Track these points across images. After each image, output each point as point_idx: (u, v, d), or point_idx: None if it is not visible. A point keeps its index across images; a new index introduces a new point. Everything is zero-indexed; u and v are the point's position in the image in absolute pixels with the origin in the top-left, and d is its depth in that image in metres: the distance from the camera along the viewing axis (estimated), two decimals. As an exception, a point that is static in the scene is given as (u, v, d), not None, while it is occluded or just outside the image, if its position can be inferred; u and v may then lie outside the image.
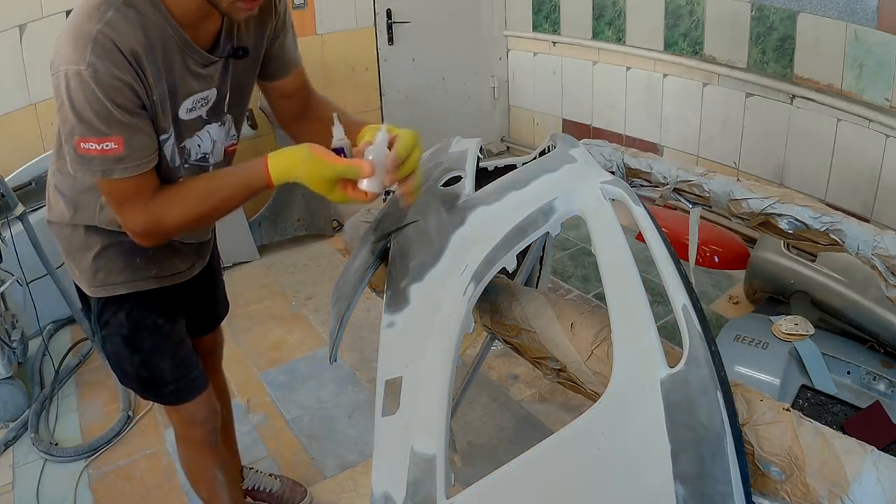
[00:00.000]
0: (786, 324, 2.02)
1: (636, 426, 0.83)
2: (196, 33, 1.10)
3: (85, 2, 1.02)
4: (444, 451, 0.88)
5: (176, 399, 1.40)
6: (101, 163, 1.02)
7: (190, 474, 1.56)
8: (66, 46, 0.99)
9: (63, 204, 1.24)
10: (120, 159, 1.02)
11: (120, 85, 1.00)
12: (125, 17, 1.01)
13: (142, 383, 1.39)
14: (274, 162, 1.05)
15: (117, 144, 1.01)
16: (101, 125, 1.00)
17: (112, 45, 0.98)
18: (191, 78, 1.13)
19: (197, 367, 1.42)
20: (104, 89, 0.98)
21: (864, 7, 2.49)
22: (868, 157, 2.59)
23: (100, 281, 1.28)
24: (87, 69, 0.97)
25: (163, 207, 1.08)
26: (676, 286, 0.95)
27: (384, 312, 1.09)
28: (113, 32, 0.99)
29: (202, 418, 1.44)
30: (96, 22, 0.98)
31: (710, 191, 1.52)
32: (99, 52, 0.97)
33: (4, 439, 2.16)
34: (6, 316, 2.40)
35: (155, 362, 1.35)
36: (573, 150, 1.28)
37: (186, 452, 1.53)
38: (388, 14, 3.88)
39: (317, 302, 2.92)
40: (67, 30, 1.00)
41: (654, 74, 3.46)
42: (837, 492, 0.76)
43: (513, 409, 2.23)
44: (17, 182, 2.51)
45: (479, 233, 1.11)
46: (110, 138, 1.00)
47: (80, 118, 0.99)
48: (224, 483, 1.53)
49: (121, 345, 1.33)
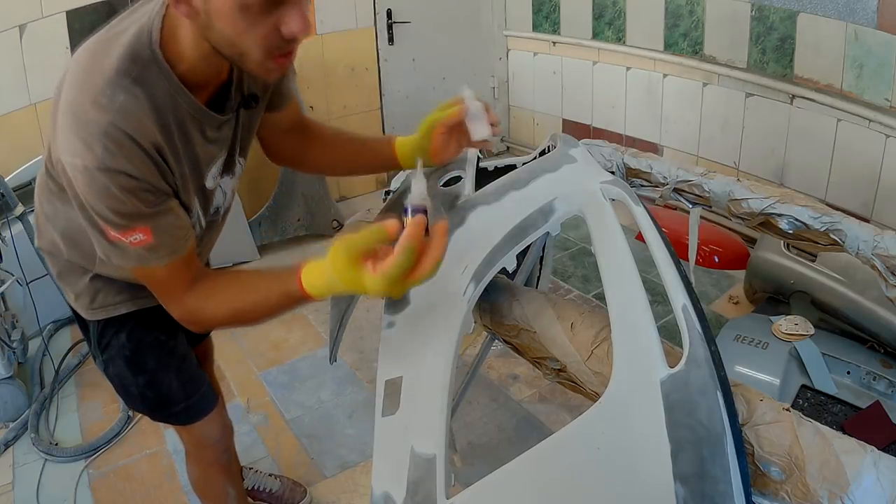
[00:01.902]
0: (786, 324, 2.02)
1: (636, 426, 0.83)
2: (205, 92, 1.01)
3: (84, 76, 0.90)
4: (445, 451, 0.88)
5: (187, 418, 1.34)
6: (136, 254, 0.94)
7: (199, 490, 1.52)
8: (71, 136, 0.87)
9: (56, 236, 1.16)
10: (152, 248, 0.93)
11: (138, 183, 0.89)
12: (136, 100, 0.89)
13: (149, 404, 1.32)
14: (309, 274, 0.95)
15: (145, 235, 0.92)
16: (123, 221, 0.90)
17: (128, 140, 0.88)
18: (209, 145, 1.04)
19: (206, 383, 1.36)
20: (121, 188, 0.88)
21: (864, 7, 2.49)
22: (868, 157, 2.59)
23: (98, 303, 1.22)
24: (100, 169, 0.86)
25: (199, 302, 1.00)
26: (676, 286, 0.95)
27: (384, 312, 1.09)
28: (127, 124, 0.88)
29: (215, 438, 1.39)
30: (106, 111, 0.87)
31: (710, 191, 1.52)
32: (113, 150, 0.86)
33: (4, 439, 2.16)
34: (6, 316, 2.40)
35: (161, 381, 1.28)
36: (573, 150, 1.28)
37: (197, 471, 1.48)
38: (389, 14, 3.89)
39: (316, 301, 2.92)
40: (71, 114, 0.88)
41: (654, 74, 3.46)
42: (837, 492, 0.76)
43: (513, 409, 2.23)
44: (17, 182, 2.51)
45: (479, 233, 1.11)
46: (136, 230, 0.91)
47: (98, 214, 0.90)
48: (235, 497, 1.50)
49: (124, 367, 1.27)
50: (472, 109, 1.15)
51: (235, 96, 1.06)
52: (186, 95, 0.96)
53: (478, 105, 1.15)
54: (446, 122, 1.17)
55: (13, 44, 2.79)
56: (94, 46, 0.95)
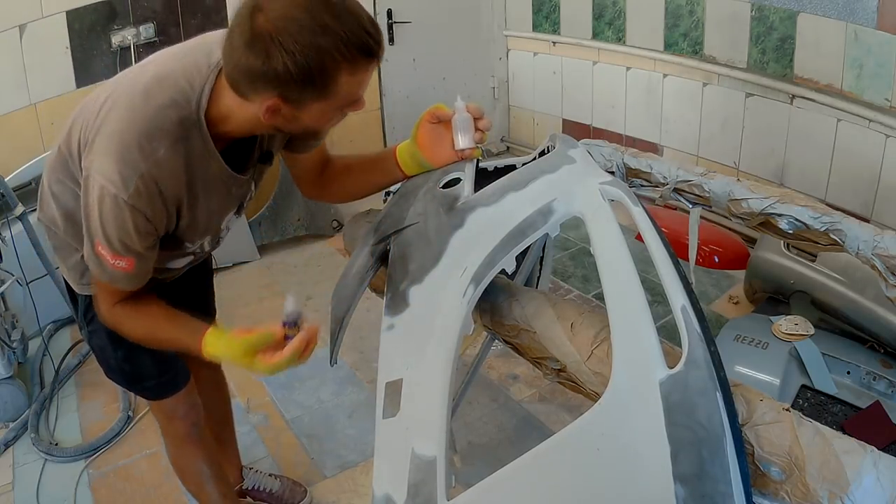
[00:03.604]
0: (786, 324, 2.02)
1: (636, 427, 0.83)
2: (233, 153, 1.14)
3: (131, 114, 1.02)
4: (445, 452, 0.88)
5: (157, 394, 1.44)
6: (111, 273, 1.09)
7: (177, 469, 1.59)
8: (111, 165, 1.01)
9: (57, 214, 1.23)
10: (127, 276, 1.10)
11: (151, 227, 1.06)
12: (174, 157, 1.04)
13: (125, 377, 1.43)
14: (209, 342, 1.10)
15: (128, 265, 1.08)
16: (121, 248, 1.05)
17: (156, 190, 1.03)
18: (230, 198, 1.21)
19: (179, 364, 1.44)
20: (136, 223, 1.03)
21: (864, 7, 2.49)
22: (868, 157, 2.59)
23: (87, 280, 1.29)
24: (127, 201, 1.01)
25: (122, 317, 1.17)
26: (675, 287, 0.95)
27: (384, 315, 1.09)
28: (160, 175, 1.02)
29: (182, 413, 1.48)
30: (146, 157, 1.01)
31: (710, 191, 1.52)
32: (141, 191, 1.01)
33: (4, 439, 2.16)
34: (6, 316, 2.40)
35: (137, 357, 1.37)
36: (572, 150, 1.28)
37: (172, 447, 1.57)
38: (389, 14, 3.89)
39: (317, 302, 2.92)
40: (114, 143, 1.01)
41: (654, 74, 3.46)
42: (837, 492, 0.76)
43: (513, 409, 2.23)
44: (17, 182, 2.51)
45: (479, 234, 1.11)
46: (124, 258, 1.07)
47: (104, 231, 1.04)
48: (210, 476, 1.56)
49: (105, 340, 1.35)
50: (458, 119, 1.23)
51: (256, 154, 1.21)
52: (220, 162, 1.11)
53: (465, 116, 1.22)
54: (433, 112, 1.24)
55: (13, 44, 2.79)
56: (148, 83, 1.05)
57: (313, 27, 0.92)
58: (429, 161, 1.29)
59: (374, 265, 1.26)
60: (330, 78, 0.96)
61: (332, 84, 0.96)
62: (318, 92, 0.97)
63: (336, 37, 0.93)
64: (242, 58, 0.94)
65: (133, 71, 1.14)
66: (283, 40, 0.91)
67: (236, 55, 0.94)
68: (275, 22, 0.91)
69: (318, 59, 0.93)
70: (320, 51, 0.92)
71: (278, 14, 0.91)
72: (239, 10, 0.95)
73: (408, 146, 1.30)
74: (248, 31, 0.92)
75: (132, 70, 1.15)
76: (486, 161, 1.53)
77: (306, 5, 0.92)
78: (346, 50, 0.94)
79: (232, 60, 0.96)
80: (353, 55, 0.95)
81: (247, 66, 0.94)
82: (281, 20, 0.91)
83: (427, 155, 1.28)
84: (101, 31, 3.04)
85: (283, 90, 0.95)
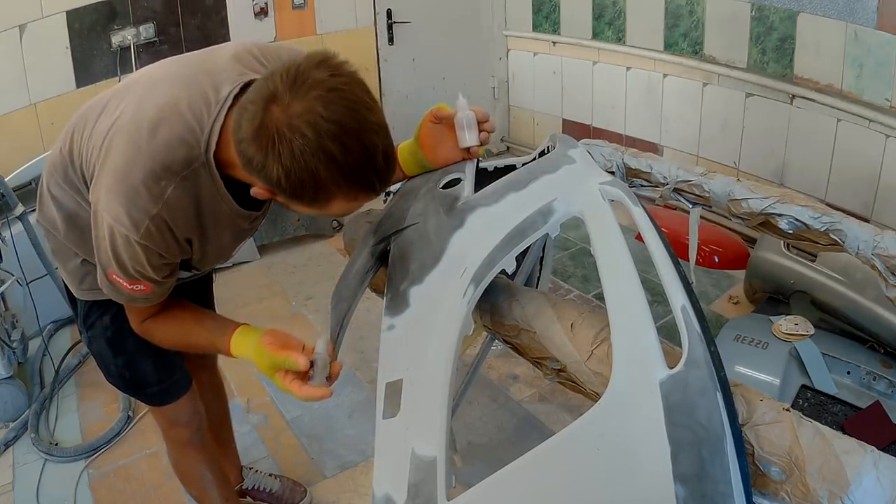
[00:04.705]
0: (786, 324, 2.02)
1: (636, 427, 0.83)
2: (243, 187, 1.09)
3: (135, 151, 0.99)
4: (445, 452, 0.88)
5: (160, 400, 1.43)
6: (129, 296, 1.09)
7: (179, 473, 1.58)
8: (118, 206, 0.99)
9: (57, 217, 1.21)
10: (146, 297, 1.10)
11: (163, 260, 1.05)
12: (183, 195, 1.02)
13: (126, 383, 1.42)
14: (236, 344, 1.09)
15: (146, 288, 1.07)
16: (137, 276, 1.05)
17: (167, 230, 1.02)
18: (241, 232, 1.21)
19: (180, 370, 1.43)
20: (149, 258, 1.03)
21: (864, 7, 2.49)
22: (868, 157, 2.59)
23: (87, 285, 1.28)
24: (139, 242, 1.00)
25: (153, 329, 1.18)
26: (675, 287, 0.95)
27: (384, 315, 1.09)
28: (171, 215, 1.01)
29: (185, 419, 1.47)
30: (156, 199, 0.99)
31: (710, 191, 1.52)
32: (153, 232, 1.01)
33: (4, 439, 2.16)
34: (6, 316, 2.40)
35: (138, 364, 1.36)
36: (572, 150, 1.28)
37: (174, 452, 1.55)
38: (389, 14, 3.89)
39: (317, 302, 2.92)
40: (120, 183, 0.99)
41: (654, 74, 3.46)
42: (837, 492, 0.76)
43: (513, 409, 2.23)
44: (17, 182, 2.51)
45: (479, 235, 1.11)
46: (141, 283, 1.06)
47: (118, 263, 1.03)
48: (213, 481, 1.56)
49: (105, 346, 1.35)
50: (462, 117, 1.21)
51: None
52: (230, 201, 1.09)
53: (469, 115, 1.20)
54: (435, 112, 1.22)
55: (13, 44, 2.79)
56: (154, 118, 1.02)
57: (316, 151, 0.84)
58: (430, 161, 1.28)
59: (374, 265, 1.26)
60: (322, 199, 0.91)
61: (323, 202, 0.92)
62: (308, 204, 0.93)
63: (337, 170, 0.87)
64: (245, 142, 0.88)
65: (140, 87, 1.09)
66: (282, 151, 0.85)
67: (242, 135, 0.89)
68: (285, 123, 0.84)
69: (312, 182, 0.87)
70: (315, 176, 0.86)
71: (290, 116, 0.84)
72: (260, 85, 0.89)
73: (409, 146, 1.29)
74: (259, 120, 0.86)
75: (138, 86, 1.10)
76: (486, 161, 1.53)
77: (317, 124, 0.84)
78: (345, 184, 0.89)
79: (237, 136, 0.90)
80: (351, 189, 0.90)
81: (248, 153, 0.89)
82: (289, 128, 0.84)
83: (429, 155, 1.27)
84: (101, 31, 3.04)
85: (276, 189, 0.91)
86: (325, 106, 0.84)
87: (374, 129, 0.89)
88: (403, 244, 1.18)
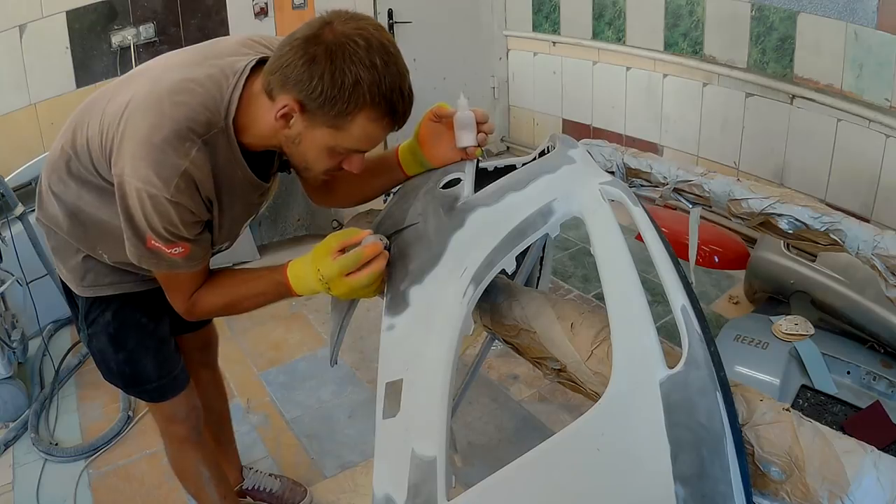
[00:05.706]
0: (786, 324, 2.02)
1: (636, 427, 0.83)
2: (254, 161, 1.16)
3: (158, 117, 1.03)
4: (445, 452, 0.88)
5: (159, 396, 1.44)
6: (170, 261, 1.10)
7: (177, 471, 1.59)
8: (145, 168, 1.01)
9: (60, 213, 1.23)
10: (186, 260, 1.11)
11: (193, 218, 1.08)
12: (205, 158, 1.05)
13: (125, 380, 1.42)
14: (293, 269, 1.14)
15: (184, 249, 1.09)
16: (171, 237, 1.07)
17: (194, 188, 1.05)
18: (251, 206, 1.24)
19: (179, 366, 1.44)
20: (181, 217, 1.05)
21: (864, 7, 2.49)
22: (868, 157, 2.59)
23: (88, 282, 1.29)
24: (170, 199, 1.02)
25: (201, 301, 1.19)
26: (675, 287, 0.95)
27: (384, 315, 1.09)
28: (197, 174, 1.04)
29: (183, 415, 1.48)
30: (183, 157, 1.02)
31: (710, 191, 1.52)
32: (182, 188, 1.03)
33: (4, 439, 2.16)
34: (6, 316, 2.40)
35: (138, 360, 1.37)
36: (572, 150, 1.28)
37: (171, 449, 1.56)
38: (390, 14, 3.89)
39: (317, 302, 2.92)
40: (144, 147, 1.02)
41: (654, 74, 3.46)
42: (837, 492, 0.76)
43: (513, 409, 2.23)
44: (17, 182, 2.51)
45: (479, 235, 1.11)
46: (178, 245, 1.08)
47: (151, 227, 1.05)
48: (210, 479, 1.56)
49: (106, 343, 1.35)
50: (460, 117, 1.22)
51: (277, 163, 1.25)
52: (245, 168, 1.13)
53: (468, 115, 1.22)
54: (435, 110, 1.24)
55: (13, 44, 2.80)
56: (174, 87, 1.06)
57: (364, 60, 0.97)
58: (429, 159, 1.29)
59: (375, 265, 1.25)
60: (350, 111, 1.00)
61: (349, 118, 1.01)
62: (333, 118, 1.01)
63: (376, 79, 0.98)
64: (290, 54, 0.98)
65: (150, 72, 1.13)
66: (334, 56, 0.96)
67: (286, 50, 0.99)
68: (337, 38, 0.97)
69: (352, 87, 0.97)
70: (357, 82, 0.97)
71: (343, 32, 0.97)
72: (312, 20, 1.01)
73: (409, 144, 1.30)
74: (311, 36, 0.98)
75: (148, 72, 1.14)
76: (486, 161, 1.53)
77: (369, 39, 0.98)
78: (378, 95, 0.99)
79: (279, 54, 1.00)
80: (381, 104, 1.01)
81: (290, 62, 0.98)
82: (342, 38, 0.97)
83: (427, 153, 1.28)
84: (101, 31, 3.04)
85: (307, 98, 0.99)
86: (373, 30, 1.00)
87: (405, 66, 1.05)
88: (403, 244, 1.18)
